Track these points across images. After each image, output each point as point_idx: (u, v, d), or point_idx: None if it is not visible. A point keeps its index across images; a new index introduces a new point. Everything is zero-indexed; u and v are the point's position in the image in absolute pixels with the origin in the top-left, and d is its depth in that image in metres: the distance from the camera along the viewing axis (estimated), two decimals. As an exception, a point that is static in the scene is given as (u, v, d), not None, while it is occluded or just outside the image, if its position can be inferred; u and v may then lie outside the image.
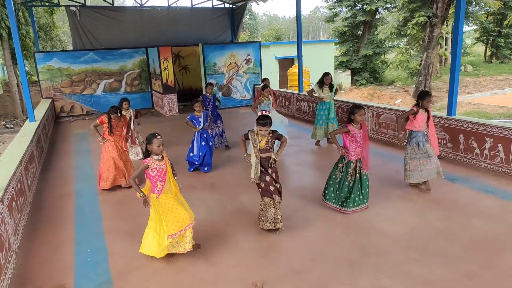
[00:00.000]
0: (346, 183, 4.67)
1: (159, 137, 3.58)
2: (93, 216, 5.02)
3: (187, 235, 3.74)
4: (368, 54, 26.41)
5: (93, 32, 13.88)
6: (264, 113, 4.15)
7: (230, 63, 13.73)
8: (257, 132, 4.12)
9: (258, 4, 14.32)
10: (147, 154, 3.62)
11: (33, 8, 13.96)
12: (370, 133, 8.35)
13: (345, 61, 27.12)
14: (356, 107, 4.54)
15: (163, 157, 3.66)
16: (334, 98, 9.76)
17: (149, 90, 14.54)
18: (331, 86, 7.85)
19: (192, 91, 15.25)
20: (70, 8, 13.52)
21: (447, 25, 24.71)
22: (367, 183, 4.75)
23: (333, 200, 4.75)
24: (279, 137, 4.27)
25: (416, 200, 5.06)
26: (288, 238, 4.19)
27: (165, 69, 12.85)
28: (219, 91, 13.62)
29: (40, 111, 10.12)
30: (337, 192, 4.72)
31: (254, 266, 3.68)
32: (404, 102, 19.09)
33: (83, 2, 13.79)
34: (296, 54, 11.58)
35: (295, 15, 28.30)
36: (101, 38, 14.02)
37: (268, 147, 4.16)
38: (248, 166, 6.79)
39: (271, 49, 21.63)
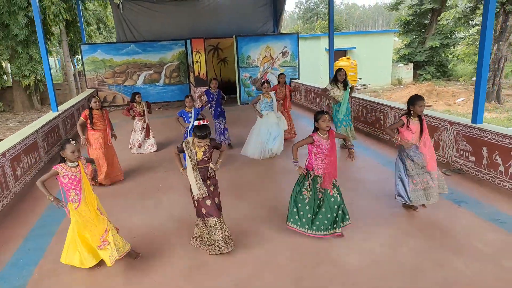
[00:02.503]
0: (318, 201, 4.01)
1: (72, 142, 3.35)
2: (61, 213, 5.01)
3: (110, 243, 3.48)
4: (435, 46, 24.01)
5: (135, 24, 14.26)
6: (204, 123, 3.65)
7: (265, 56, 13.25)
8: (193, 142, 3.70)
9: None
10: (61, 160, 3.42)
11: (80, 2, 14.65)
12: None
13: (407, 53, 25.01)
14: (319, 112, 3.89)
15: (78, 164, 3.43)
16: (354, 96, 8.92)
17: (188, 82, 14.64)
18: (345, 84, 7.08)
19: (231, 83, 15.04)
20: (114, 1, 14.00)
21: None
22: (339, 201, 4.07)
23: (299, 223, 4.04)
24: (217, 145, 3.82)
25: (400, 224, 4.28)
26: (224, 258, 3.75)
27: (197, 61, 12.79)
28: (252, 85, 13.25)
29: (72, 101, 10.63)
30: (308, 215, 4.00)
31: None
32: (467, 101, 17.00)
33: (126, -5, 14.19)
34: (349, 46, 10.75)
35: (375, 3, 26.81)
36: (143, 30, 14.37)
37: (206, 158, 3.72)
38: (242, 167, 6.53)
39: (322, 41, 20.61)
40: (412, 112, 4.31)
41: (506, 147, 4.96)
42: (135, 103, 7.49)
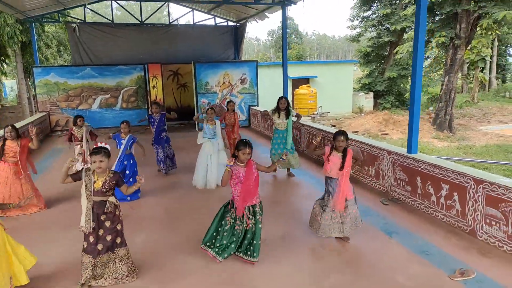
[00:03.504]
0: (235, 232, 3.95)
1: None
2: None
3: None
4: (393, 76, 25.05)
5: (92, 48, 14.02)
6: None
7: (224, 82, 13.29)
8: (94, 170, 3.51)
9: (257, 22, 13.80)
10: None
11: (34, 24, 14.28)
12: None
13: (368, 83, 25.92)
14: (241, 143, 3.82)
15: None
16: (303, 123, 8.97)
17: (146, 107, 14.39)
18: (287, 113, 7.05)
19: (190, 109, 14.93)
20: (70, 24, 13.76)
21: (488, 47, 22.85)
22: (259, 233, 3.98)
23: (212, 247, 4.00)
24: (119, 182, 3.60)
25: (330, 257, 4.18)
26: None
27: (154, 86, 12.65)
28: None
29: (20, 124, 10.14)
30: (223, 241, 3.96)
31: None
32: (421, 129, 17.61)
33: (83, 19, 14.00)
34: (311, 75, 10.91)
35: (346, 34, 27.73)
36: (100, 54, 14.12)
37: (104, 190, 3.50)
38: (182, 197, 6.32)
39: (284, 69, 21.02)
40: (335, 146, 4.31)
41: (437, 177, 5.04)
42: (75, 127, 7.18)
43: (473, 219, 4.52)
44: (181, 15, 18.56)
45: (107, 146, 3.62)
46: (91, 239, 3.50)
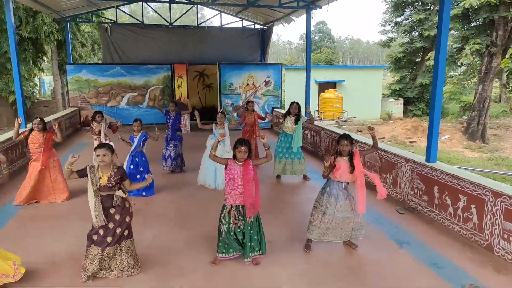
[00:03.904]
0: (232, 233, 3.94)
1: None
2: None
3: None
4: (424, 83, 24.31)
5: (122, 47, 14.44)
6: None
7: (248, 84, 13.35)
8: (98, 167, 3.59)
9: (284, 25, 13.79)
10: None
11: (69, 24, 14.88)
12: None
13: (398, 89, 25.28)
14: (238, 141, 3.82)
15: None
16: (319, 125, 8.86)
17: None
18: (297, 118, 7.00)
19: (214, 109, 15.09)
20: (103, 24, 14.25)
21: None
22: (251, 232, 3.96)
23: (228, 253, 4.00)
24: (123, 177, 3.68)
25: (335, 263, 4.09)
26: None
27: (179, 86, 12.86)
28: (234, 112, 13.27)
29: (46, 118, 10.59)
30: (232, 243, 3.97)
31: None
32: (451, 138, 17.01)
33: (115, 19, 14.46)
34: (339, 79, 10.81)
35: (380, 39, 27.21)
36: (130, 53, 14.53)
37: (110, 185, 3.58)
38: (194, 195, 6.36)
39: (312, 73, 20.80)
40: (339, 151, 4.22)
41: (454, 188, 4.84)
42: (94, 121, 7.43)
43: (490, 234, 4.31)
44: (209, 17, 18.84)
45: (111, 143, 3.73)
46: (101, 231, 3.59)
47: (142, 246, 4.30)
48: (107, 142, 3.65)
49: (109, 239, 3.61)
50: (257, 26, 15.43)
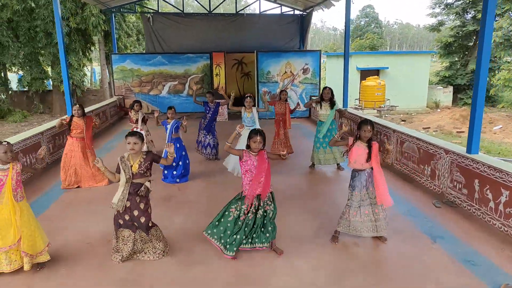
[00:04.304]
0: (239, 223, 3.89)
1: (4, 143, 3.44)
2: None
3: (10, 257, 3.53)
4: (477, 69, 22.70)
5: (164, 37, 14.77)
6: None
7: (286, 72, 13.20)
8: (128, 156, 3.71)
9: (323, 10, 13.40)
10: None
11: (114, 14, 15.42)
12: (393, 162, 7.07)
13: (447, 76, 23.86)
14: (253, 131, 3.78)
15: (9, 168, 3.48)
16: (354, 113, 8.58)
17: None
18: (332, 104, 6.82)
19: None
20: (145, 14, 14.64)
21: None
22: (265, 222, 3.94)
23: (216, 237, 3.96)
24: (155, 158, 3.78)
25: (359, 255, 4.00)
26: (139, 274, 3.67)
27: (217, 74, 12.98)
28: (271, 100, 13.19)
29: (92, 107, 11.16)
30: (227, 232, 3.91)
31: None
32: (505, 129, 15.87)
33: (157, 9, 14.79)
34: (382, 66, 10.40)
35: (430, 23, 25.76)
36: (171, 42, 14.84)
37: (142, 171, 3.69)
38: (226, 183, 6.43)
39: (353, 59, 20.22)
40: (359, 136, 4.07)
41: (497, 181, 4.53)
42: (132, 110, 7.70)
43: (535, 232, 4.00)
44: (248, 4, 18.74)
45: (142, 131, 3.85)
46: (126, 217, 3.73)
47: (170, 231, 4.44)
48: (139, 130, 3.77)
49: (142, 219, 3.75)
50: (296, 12, 15.14)
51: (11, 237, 3.49)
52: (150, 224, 3.86)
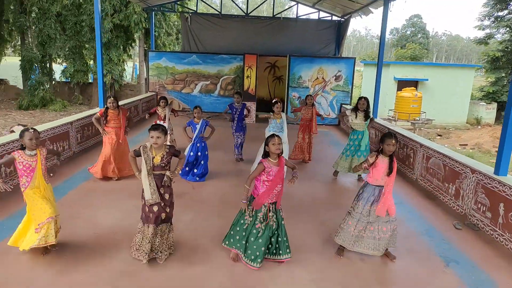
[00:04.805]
0: (254, 231, 3.77)
1: (31, 130, 3.58)
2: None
3: (51, 228, 3.68)
4: (526, 87, 21.43)
5: (200, 37, 15.02)
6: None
7: (317, 78, 13.03)
8: (151, 146, 3.75)
9: (361, 17, 13.11)
10: (21, 147, 3.66)
11: (154, 13, 15.87)
12: (418, 178, 6.77)
13: (492, 91, 22.68)
14: (270, 136, 3.70)
15: (36, 154, 3.65)
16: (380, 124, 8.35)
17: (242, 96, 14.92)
18: (367, 114, 6.65)
19: (281, 103, 15.05)
20: (184, 14, 14.95)
21: None
22: (284, 229, 3.86)
23: (235, 246, 3.87)
24: (176, 153, 3.81)
25: (360, 272, 3.83)
26: (156, 270, 3.68)
27: (248, 76, 13.02)
28: (300, 105, 13.07)
29: (124, 102, 11.52)
30: (243, 242, 3.79)
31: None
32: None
33: (195, 10, 15.06)
34: (421, 77, 10.15)
35: (476, 36, 24.79)
36: (206, 42, 15.06)
37: (163, 164, 3.73)
38: (239, 184, 6.38)
39: (390, 69, 19.63)
40: (382, 149, 3.88)
41: (523, 207, 4.21)
42: (158, 107, 7.84)
43: (560, 265, 3.66)
44: (284, 8, 18.70)
45: (165, 124, 3.89)
46: (155, 208, 3.72)
47: (177, 228, 4.46)
48: (162, 123, 3.83)
49: (163, 215, 3.78)
50: (334, 18, 14.92)
51: (51, 210, 3.69)
52: (172, 214, 3.90)
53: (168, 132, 7.87)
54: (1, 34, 19.11)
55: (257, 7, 15.35)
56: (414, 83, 20.04)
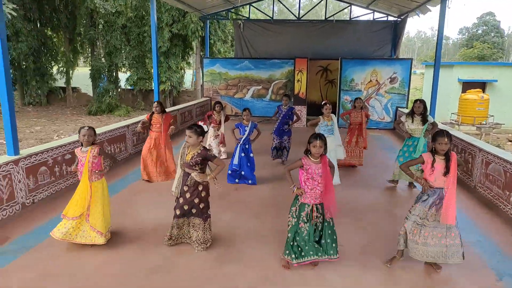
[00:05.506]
0: (298, 230, 3.73)
1: (86, 128, 3.95)
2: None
3: (82, 228, 3.95)
4: None
5: (252, 42, 15.28)
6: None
7: (371, 80, 12.60)
8: (189, 145, 3.92)
9: (419, 16, 12.46)
10: (81, 144, 4.06)
11: (209, 22, 16.43)
12: (476, 185, 6.27)
13: None
14: (313, 136, 3.63)
15: (88, 151, 3.95)
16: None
17: (292, 100, 14.90)
18: (424, 118, 6.21)
19: (334, 105, 14.77)
20: (237, 21, 15.31)
21: None
22: (329, 231, 3.76)
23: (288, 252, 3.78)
24: (207, 156, 3.89)
25: (396, 281, 3.63)
26: (194, 263, 3.79)
27: (298, 80, 12.96)
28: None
29: (178, 107, 12.05)
30: (290, 244, 3.74)
31: None
32: None
33: (248, 16, 15.36)
34: (489, 78, 9.51)
35: None
36: (258, 48, 15.28)
37: (192, 163, 3.85)
38: (280, 187, 6.35)
39: (454, 70, 18.38)
40: (434, 149, 3.64)
41: None
42: (214, 112, 8.00)
43: None
44: (336, 11, 18.37)
45: (205, 126, 4.03)
46: (181, 200, 4.01)
47: (215, 227, 4.56)
48: (202, 124, 4.00)
49: (185, 207, 4.00)
50: (390, 18, 14.37)
51: (79, 209, 3.98)
52: (193, 211, 4.03)
53: (214, 134, 8.00)
54: (74, 46, 20.98)
55: (309, 11, 15.25)
56: (481, 85, 18.54)
